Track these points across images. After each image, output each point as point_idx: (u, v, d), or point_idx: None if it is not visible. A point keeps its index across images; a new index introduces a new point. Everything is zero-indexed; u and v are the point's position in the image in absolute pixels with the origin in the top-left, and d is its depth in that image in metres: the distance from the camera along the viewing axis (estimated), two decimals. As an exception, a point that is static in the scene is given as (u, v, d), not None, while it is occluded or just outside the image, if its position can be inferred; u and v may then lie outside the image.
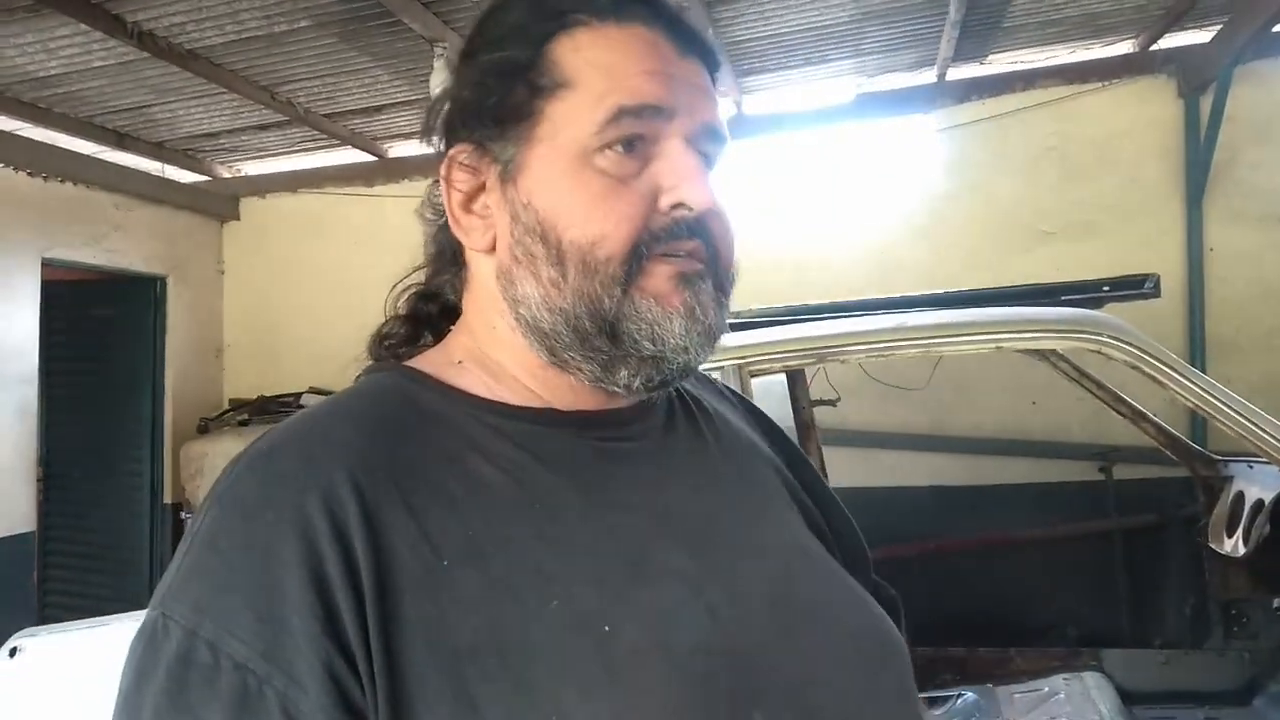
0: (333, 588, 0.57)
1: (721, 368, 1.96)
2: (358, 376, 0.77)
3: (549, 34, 0.69)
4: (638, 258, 0.67)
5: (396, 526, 0.61)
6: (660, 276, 0.67)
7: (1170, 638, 3.87)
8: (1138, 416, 2.80)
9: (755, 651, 0.65)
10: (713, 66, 0.74)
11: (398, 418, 0.68)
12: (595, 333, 0.68)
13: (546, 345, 0.71)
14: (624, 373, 0.70)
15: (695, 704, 0.60)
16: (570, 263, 0.67)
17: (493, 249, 0.72)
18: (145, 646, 0.59)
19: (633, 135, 0.67)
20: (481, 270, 0.75)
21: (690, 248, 0.68)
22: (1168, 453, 2.81)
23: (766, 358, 1.99)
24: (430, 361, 0.75)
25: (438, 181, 0.76)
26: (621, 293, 0.67)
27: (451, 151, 0.72)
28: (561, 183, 0.67)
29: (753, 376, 1.98)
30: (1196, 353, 4.24)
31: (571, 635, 0.60)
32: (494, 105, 0.70)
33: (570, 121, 0.67)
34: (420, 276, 0.83)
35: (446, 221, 0.75)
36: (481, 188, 0.72)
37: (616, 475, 0.71)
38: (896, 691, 0.72)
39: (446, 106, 0.75)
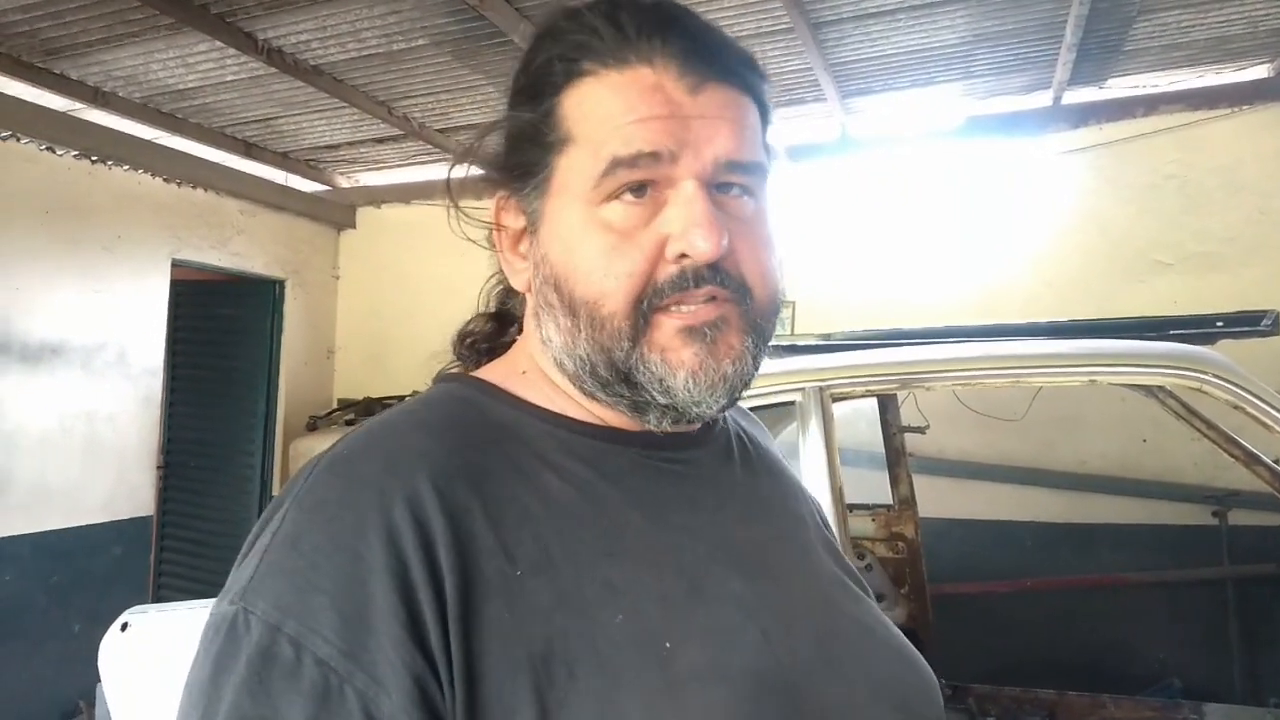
0: (417, 593, 0.59)
1: (803, 389, 1.95)
2: (433, 382, 0.80)
3: (559, 87, 0.70)
4: (642, 313, 0.67)
5: (477, 535, 0.62)
6: (667, 330, 0.67)
7: (1286, 697, 3.64)
8: (1251, 459, 2.65)
9: (803, 679, 0.67)
10: (749, 84, 0.72)
11: (471, 429, 0.70)
12: (613, 380, 0.69)
13: (576, 384, 0.73)
14: (652, 415, 0.71)
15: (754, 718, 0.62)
16: (581, 315, 0.68)
17: (527, 291, 0.76)
18: (225, 640, 0.59)
19: (633, 184, 0.66)
20: (530, 304, 0.77)
21: (702, 295, 0.67)
22: (1283, 500, 2.65)
23: (849, 381, 1.97)
24: (497, 372, 0.77)
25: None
26: (630, 345, 0.67)
27: (496, 197, 0.76)
28: (571, 237, 0.68)
29: (834, 400, 1.96)
30: (1326, 396, 3.98)
31: (636, 650, 0.61)
32: (514, 163, 0.73)
33: (574, 175, 0.68)
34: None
35: None
36: (524, 231, 0.75)
37: (676, 497, 0.73)
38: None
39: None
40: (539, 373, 0.76)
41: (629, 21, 0.68)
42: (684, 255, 0.66)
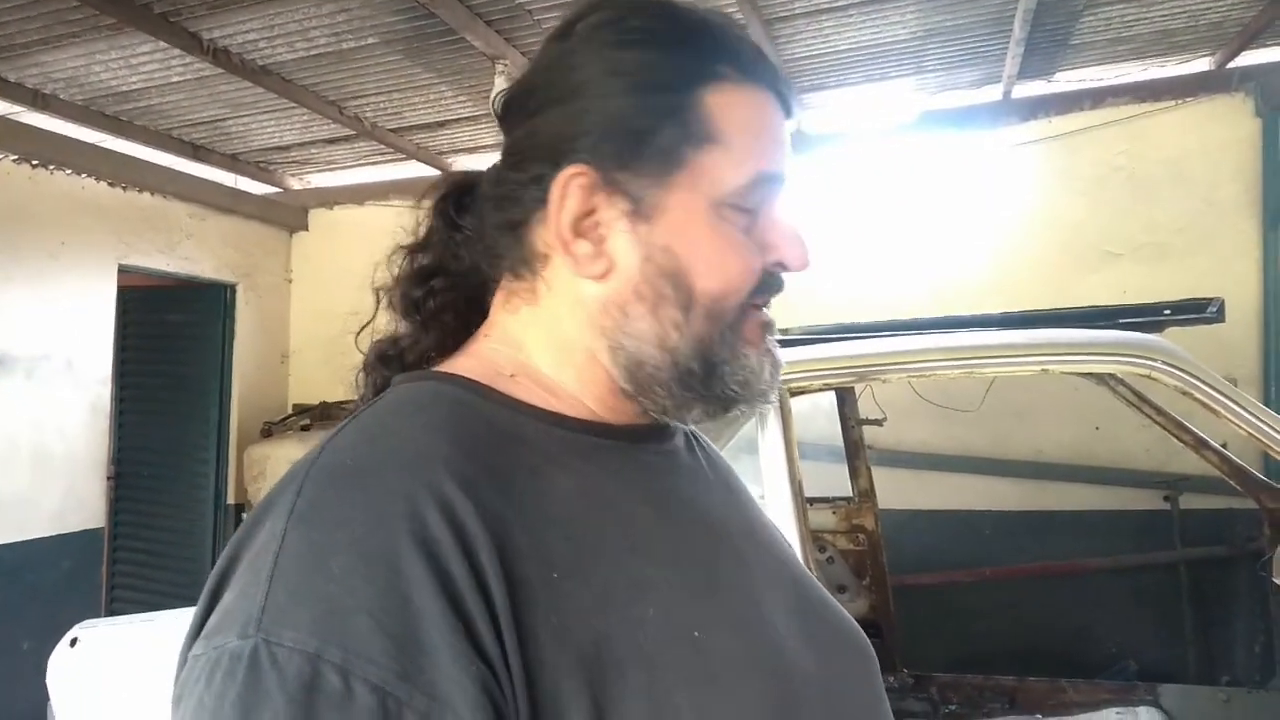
0: (466, 602, 0.56)
1: (760, 384, 1.95)
2: (393, 384, 0.76)
3: (700, 81, 0.70)
4: (743, 308, 0.72)
5: (513, 539, 0.60)
6: (754, 325, 0.73)
7: (1237, 676, 3.73)
8: (1200, 445, 2.71)
9: (797, 653, 0.70)
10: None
11: (475, 429, 0.67)
12: (698, 374, 0.71)
13: (637, 378, 0.72)
14: (697, 410, 0.74)
15: (778, 701, 0.65)
16: (697, 309, 0.70)
17: (601, 278, 0.71)
18: (246, 680, 0.53)
19: (761, 197, 0.72)
20: (572, 294, 0.72)
21: (774, 297, 0.75)
22: (1232, 483, 2.71)
23: (806, 375, 1.98)
24: (477, 372, 0.73)
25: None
26: (733, 337, 0.72)
27: (570, 171, 0.69)
28: (699, 232, 0.70)
29: (792, 395, 1.97)
30: (1271, 380, 4.08)
31: (673, 643, 0.62)
32: (642, 143, 0.69)
33: (713, 176, 0.70)
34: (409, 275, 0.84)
35: (477, 228, 0.78)
36: (590, 213, 0.70)
37: (669, 488, 0.75)
38: (879, 690, 0.79)
39: (561, 119, 0.71)
40: (528, 375, 0.73)
41: (751, 49, 0.73)
42: (782, 265, 0.73)
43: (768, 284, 0.73)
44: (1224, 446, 2.91)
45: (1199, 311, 2.35)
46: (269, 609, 0.55)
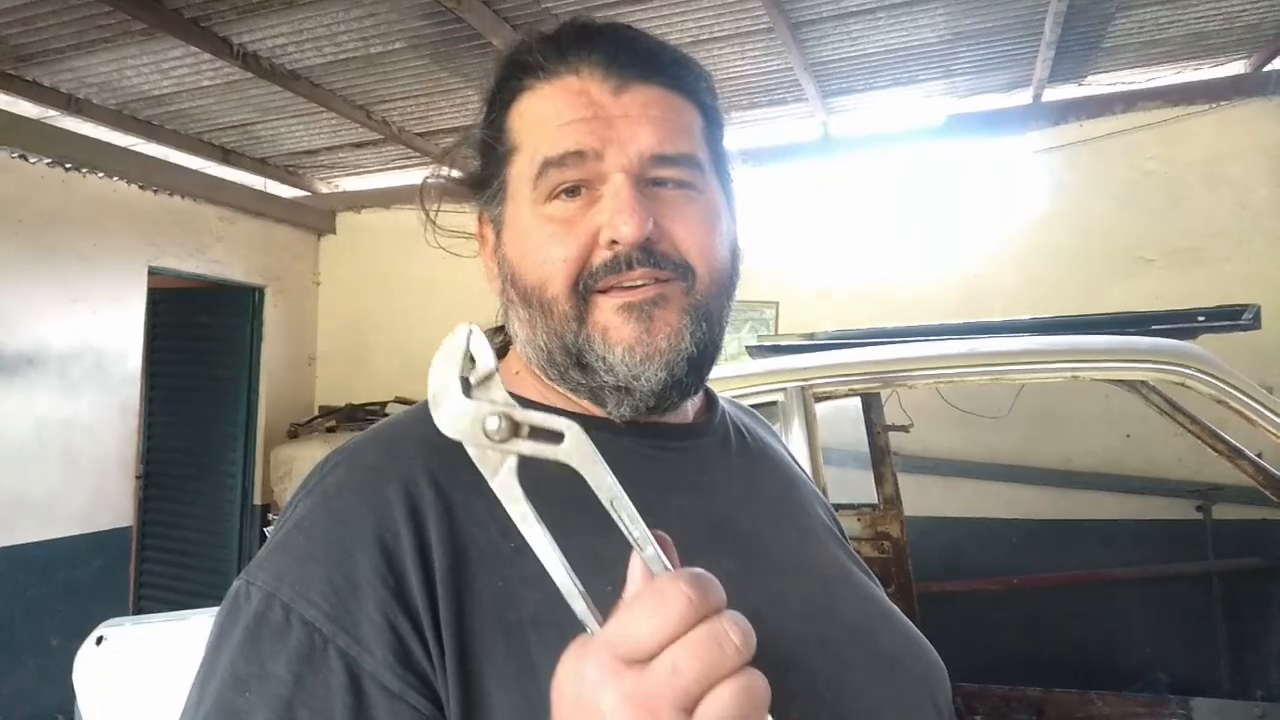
0: (404, 561, 0.64)
1: (785, 389, 1.94)
2: None
3: (507, 104, 0.77)
4: (582, 294, 0.73)
5: (471, 509, 0.67)
6: (606, 310, 0.73)
7: (1272, 690, 3.65)
8: (1234, 454, 2.65)
9: (792, 655, 0.69)
10: (681, 83, 0.77)
11: None
12: (568, 365, 0.75)
13: (545, 374, 0.78)
14: (610, 402, 0.75)
15: None
16: (533, 304, 0.75)
17: (499, 294, 0.82)
18: (229, 608, 0.66)
19: (566, 182, 0.72)
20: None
21: (638, 277, 0.72)
22: (1267, 493, 2.66)
23: (831, 380, 1.96)
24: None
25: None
26: (578, 326, 0.73)
27: (478, 212, 0.83)
28: (521, 234, 0.75)
29: (817, 400, 1.95)
30: (1307, 389, 4.00)
31: None
32: (483, 175, 0.81)
33: (520, 180, 0.76)
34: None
35: None
36: (496, 240, 0.81)
37: (670, 481, 0.77)
38: (931, 714, 0.76)
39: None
40: (528, 371, 0.81)
41: (564, 39, 0.76)
42: (614, 241, 0.71)
43: (610, 264, 0.72)
44: (1259, 456, 2.85)
45: (1234, 318, 2.30)
46: (260, 558, 0.67)
